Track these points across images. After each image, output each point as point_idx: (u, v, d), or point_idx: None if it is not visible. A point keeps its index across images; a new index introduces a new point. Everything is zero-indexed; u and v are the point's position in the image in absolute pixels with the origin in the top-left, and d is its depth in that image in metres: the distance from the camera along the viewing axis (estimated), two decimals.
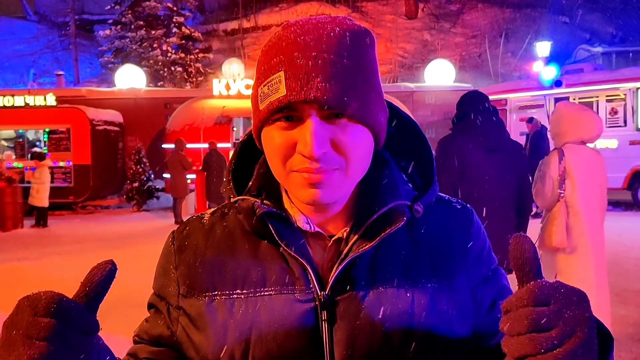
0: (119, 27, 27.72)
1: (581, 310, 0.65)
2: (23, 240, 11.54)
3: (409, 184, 0.94)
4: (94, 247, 10.10)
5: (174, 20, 27.88)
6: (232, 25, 33.77)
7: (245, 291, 0.88)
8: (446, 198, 0.99)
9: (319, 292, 0.85)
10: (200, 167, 13.02)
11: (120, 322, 5.83)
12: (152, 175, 16.44)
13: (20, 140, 17.56)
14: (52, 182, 13.95)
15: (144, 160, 16.29)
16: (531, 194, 3.85)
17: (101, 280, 0.72)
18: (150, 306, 1.00)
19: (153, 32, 27.11)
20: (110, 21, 29.14)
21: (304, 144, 0.79)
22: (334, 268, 0.86)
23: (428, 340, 0.85)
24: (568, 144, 3.87)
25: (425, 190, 0.93)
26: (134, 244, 10.56)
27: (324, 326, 0.84)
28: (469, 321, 0.91)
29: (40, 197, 13.18)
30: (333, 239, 0.90)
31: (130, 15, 27.20)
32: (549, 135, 4.09)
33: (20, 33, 35.59)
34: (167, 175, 14.61)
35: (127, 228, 12.81)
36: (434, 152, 1.02)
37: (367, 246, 0.85)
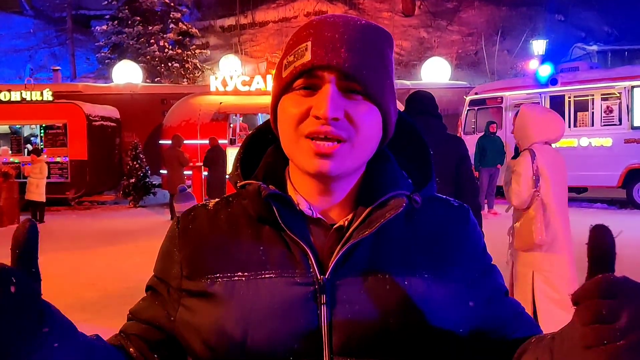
0: (115, 22, 27.67)
1: None
2: None
3: (409, 180, 0.97)
4: (90, 243, 10.11)
5: (171, 16, 27.85)
6: (229, 21, 33.73)
7: (246, 274, 0.90)
8: (444, 197, 1.02)
9: (318, 276, 0.87)
10: (202, 163, 13.03)
11: (116, 317, 5.86)
12: (149, 171, 16.43)
13: (16, 135, 17.54)
14: (48, 177, 13.94)
15: (141, 156, 16.28)
16: (467, 186, 3.86)
17: (25, 239, 0.73)
18: (149, 288, 1.02)
19: (150, 27, 27.07)
20: (107, 16, 29.09)
21: (319, 106, 0.84)
22: (335, 253, 0.89)
23: (424, 328, 0.87)
24: (535, 144, 3.98)
25: (424, 185, 0.97)
26: (130, 240, 10.57)
27: (323, 310, 0.86)
28: (464, 314, 0.93)
29: (40, 192, 13.20)
30: (334, 226, 0.92)
31: (127, 11, 27.14)
32: (515, 136, 4.19)
33: (17, 28, 35.46)
34: (163, 171, 14.62)
35: (123, 224, 12.82)
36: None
37: (367, 232, 0.88)
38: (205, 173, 13.50)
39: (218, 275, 0.92)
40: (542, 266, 3.93)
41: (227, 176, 12.97)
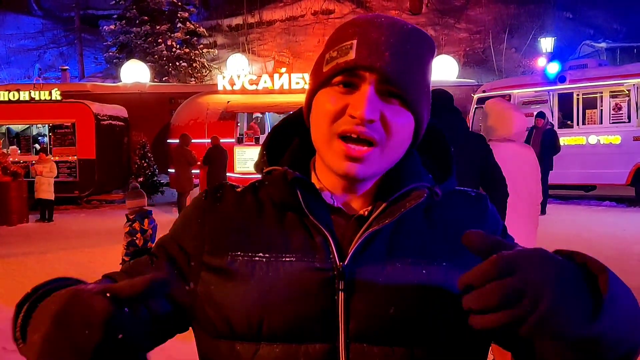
0: (123, 22, 27.76)
1: (544, 270, 0.66)
2: (28, 235, 11.61)
3: (430, 175, 0.99)
4: (98, 241, 10.15)
5: (179, 15, 27.91)
6: (237, 20, 33.77)
7: (267, 255, 0.91)
8: (463, 189, 1.04)
9: (338, 262, 0.89)
10: (201, 162, 13.04)
11: None
12: (157, 170, 16.48)
13: (13, 137, 17.65)
14: (57, 176, 14.04)
15: (149, 154, 16.34)
16: (500, 177, 3.81)
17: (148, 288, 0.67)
18: (162, 247, 1.00)
19: (158, 27, 27.14)
20: (115, 16, 29.20)
21: (357, 106, 0.85)
22: (355, 240, 0.90)
23: (441, 316, 0.87)
24: (492, 140, 4.02)
25: (445, 179, 0.98)
26: None
27: (341, 296, 0.87)
28: None
29: (51, 191, 13.29)
30: (355, 216, 0.94)
31: (134, 11, 27.23)
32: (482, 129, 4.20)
33: (26, 28, 35.66)
34: (171, 170, 14.66)
35: None
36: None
37: (387, 221, 0.89)
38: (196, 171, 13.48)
39: (239, 253, 0.93)
40: None
41: (226, 175, 13.00)
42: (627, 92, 13.74)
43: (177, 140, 13.76)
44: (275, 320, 0.87)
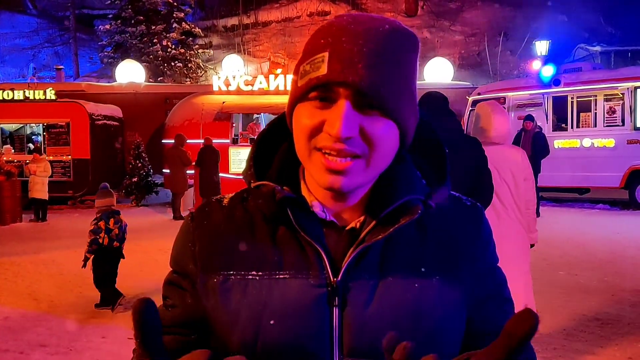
0: (119, 22, 27.69)
1: None
2: (22, 234, 11.56)
3: (423, 180, 0.95)
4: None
5: (174, 15, 27.86)
6: (232, 21, 33.74)
7: (260, 273, 0.90)
8: (456, 195, 1.02)
9: (331, 278, 0.87)
10: (195, 162, 13.03)
11: (118, 315, 5.88)
12: (152, 170, 16.45)
13: (6, 136, 17.58)
14: (51, 176, 13.99)
15: (143, 155, 16.30)
16: (489, 188, 3.85)
17: (142, 327, 0.70)
18: (172, 285, 1.00)
19: (153, 27, 27.09)
20: (110, 16, 29.12)
21: (332, 124, 0.81)
22: (347, 255, 0.88)
23: (435, 331, 0.88)
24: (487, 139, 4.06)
25: (439, 186, 0.94)
26: (132, 239, 10.52)
27: (335, 312, 0.86)
28: (469, 308, 0.94)
29: (45, 190, 13.26)
30: (347, 228, 0.92)
31: (130, 10, 27.17)
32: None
33: (21, 27, 35.53)
34: (166, 171, 14.63)
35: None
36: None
37: (380, 236, 0.87)
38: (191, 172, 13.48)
39: (231, 272, 0.92)
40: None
41: (219, 175, 12.97)
42: (622, 96, 13.80)
43: (172, 141, 13.74)
44: (269, 338, 0.86)
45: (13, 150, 16.91)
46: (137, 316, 0.68)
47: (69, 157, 16.66)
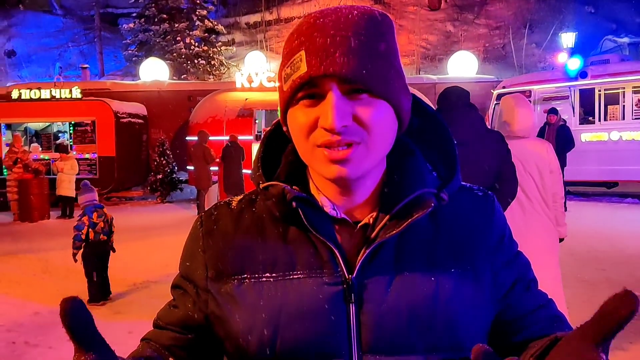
0: (142, 20, 27.92)
1: None
2: (49, 231, 11.74)
3: (434, 173, 0.95)
4: (118, 238, 10.19)
5: (197, 13, 28.00)
6: (255, 18, 33.81)
7: (274, 274, 0.90)
8: (467, 186, 1.01)
9: (346, 275, 0.87)
10: (219, 159, 13.09)
11: (143, 311, 5.93)
12: (176, 167, 16.58)
13: (32, 135, 17.84)
14: (77, 174, 14.19)
15: (168, 152, 16.44)
16: (513, 180, 3.83)
17: (71, 325, 0.70)
18: (176, 287, 1.02)
19: (176, 25, 27.26)
20: (134, 14, 29.36)
21: (325, 117, 0.82)
22: (362, 252, 0.88)
23: (453, 324, 0.87)
24: (507, 134, 4.05)
25: (450, 178, 0.94)
26: (158, 235, 10.69)
27: (352, 309, 0.86)
28: (492, 305, 0.93)
29: (72, 188, 13.46)
30: (360, 224, 0.92)
31: (153, 9, 27.37)
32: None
33: (47, 27, 36.04)
34: (190, 167, 14.73)
35: (150, 219, 12.96)
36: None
37: (394, 231, 0.87)
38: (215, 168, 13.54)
39: (245, 276, 0.92)
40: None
41: (242, 172, 13.02)
42: None
43: (196, 138, 13.82)
44: (288, 339, 0.86)
45: (40, 149, 17.18)
46: (64, 317, 0.69)
47: (95, 154, 16.86)
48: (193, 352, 0.98)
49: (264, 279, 0.90)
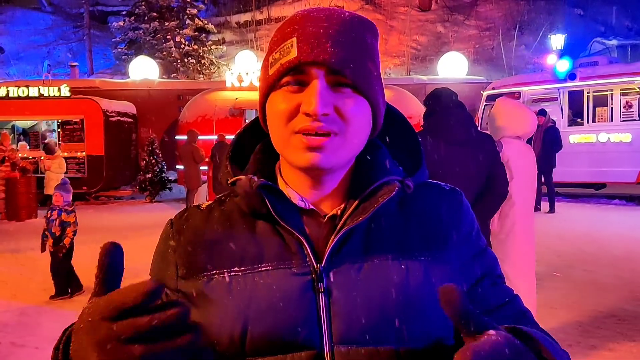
0: (132, 18, 27.79)
1: None
2: (37, 230, 11.59)
3: (400, 167, 0.97)
4: (106, 237, 9.96)
5: (187, 12, 27.91)
6: (245, 17, 33.76)
7: (242, 268, 0.90)
8: (435, 182, 1.02)
9: (315, 265, 0.87)
10: (208, 159, 13.07)
11: None
12: (165, 167, 16.53)
13: (19, 133, 17.71)
14: (66, 172, 14.10)
15: (157, 151, 16.37)
16: (503, 181, 3.89)
17: (109, 264, 0.71)
18: None
19: (166, 23, 27.16)
20: (124, 12, 29.24)
21: (309, 103, 0.84)
22: (330, 241, 0.89)
23: (423, 312, 0.86)
24: (505, 137, 4.15)
25: (415, 170, 0.97)
26: (147, 235, 10.61)
27: (321, 298, 0.86)
28: None
29: None
30: (327, 216, 0.92)
31: (143, 7, 27.26)
32: (489, 127, 4.32)
33: (35, 24, 35.79)
34: (180, 167, 14.68)
35: (139, 219, 12.90)
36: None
37: (361, 218, 0.88)
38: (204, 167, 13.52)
39: (214, 272, 0.91)
40: (497, 254, 4.01)
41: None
42: (638, 90, 13.64)
43: (185, 137, 13.78)
44: (258, 332, 0.86)
45: (28, 147, 17.05)
46: (104, 257, 0.69)
47: (84, 153, 16.76)
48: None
49: (233, 274, 0.90)
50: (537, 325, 0.95)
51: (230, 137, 14.15)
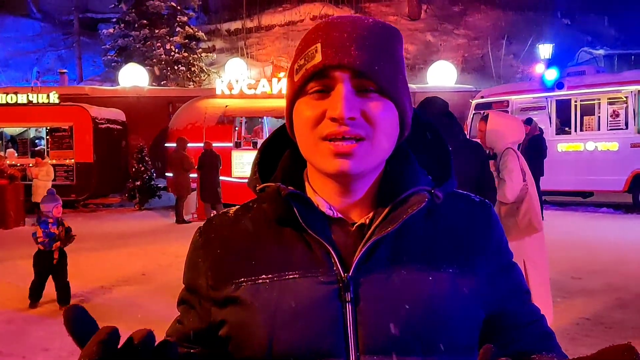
0: (122, 25, 27.72)
1: None
2: (24, 238, 11.51)
3: (429, 177, 0.97)
4: (95, 246, 10.12)
5: (178, 19, 27.89)
6: (236, 25, 33.77)
7: (269, 276, 0.90)
8: (464, 193, 1.02)
9: (342, 274, 0.87)
10: (196, 167, 13.05)
11: (120, 318, 5.87)
12: (154, 174, 16.46)
13: (8, 140, 17.59)
14: (54, 180, 14.00)
15: (146, 158, 16.31)
16: (492, 189, 4.02)
17: (74, 331, 0.73)
18: (182, 302, 1.03)
19: (157, 31, 27.11)
20: (114, 20, 29.16)
21: (334, 107, 0.84)
22: (358, 250, 0.88)
23: (450, 324, 0.87)
24: (509, 149, 4.39)
25: (444, 180, 0.96)
26: (136, 243, 10.59)
27: (348, 308, 0.86)
28: (484, 309, 0.93)
29: None
30: (356, 225, 0.92)
31: (134, 14, 27.21)
32: (487, 140, 4.55)
33: (24, 31, 35.62)
34: (169, 174, 14.63)
35: (128, 226, 12.84)
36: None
37: (389, 228, 0.87)
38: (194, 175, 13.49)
39: (242, 279, 0.92)
40: (531, 253, 4.25)
41: (219, 180, 12.97)
42: (625, 99, 13.77)
43: (175, 144, 13.74)
44: (284, 340, 0.86)
45: (16, 154, 16.93)
46: (68, 324, 0.71)
47: (72, 160, 16.67)
48: None
49: (260, 281, 0.90)
50: (559, 348, 0.98)
51: (222, 144, 14.20)
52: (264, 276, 0.91)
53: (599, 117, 14.23)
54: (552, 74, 14.68)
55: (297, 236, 0.92)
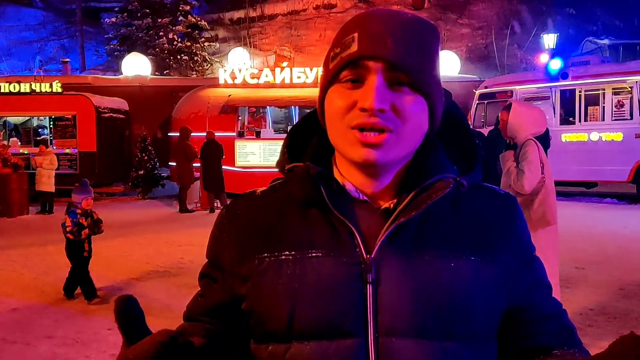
0: (125, 14, 27.70)
1: None
2: (29, 227, 11.60)
3: (454, 167, 0.98)
4: (98, 234, 10.13)
5: (180, 8, 27.84)
6: (239, 14, 33.68)
7: (293, 253, 0.92)
8: (489, 186, 1.03)
9: (364, 255, 0.89)
10: (199, 156, 13.06)
11: None
12: (158, 163, 16.47)
13: (11, 129, 17.60)
14: (57, 169, 14.02)
15: (150, 148, 16.32)
16: (494, 175, 4.05)
17: (123, 322, 0.82)
18: (203, 276, 1.05)
19: (159, 20, 27.08)
20: (116, 9, 29.13)
21: (365, 98, 0.85)
22: (381, 233, 0.90)
23: (470, 311, 0.88)
24: (530, 140, 4.38)
25: (469, 170, 0.98)
26: (139, 232, 10.61)
27: (369, 289, 0.87)
28: (505, 299, 0.94)
29: (51, 183, 13.30)
30: (381, 208, 0.93)
31: (136, 3, 27.17)
32: (509, 130, 4.53)
33: (27, 20, 35.57)
34: (172, 163, 14.64)
35: (132, 215, 12.86)
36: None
37: (413, 213, 0.89)
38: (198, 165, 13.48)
39: (266, 255, 0.94)
40: (542, 246, 4.29)
41: (222, 169, 12.97)
42: (630, 89, 13.71)
43: (178, 134, 13.74)
44: (305, 317, 0.88)
45: (20, 143, 16.95)
46: (118, 314, 0.81)
47: (76, 149, 16.69)
48: (224, 340, 1.01)
49: (283, 257, 0.92)
50: (581, 344, 0.98)
51: (225, 134, 14.19)
52: (287, 252, 0.92)
53: (604, 107, 14.18)
54: (556, 64, 14.61)
55: (322, 217, 0.93)
